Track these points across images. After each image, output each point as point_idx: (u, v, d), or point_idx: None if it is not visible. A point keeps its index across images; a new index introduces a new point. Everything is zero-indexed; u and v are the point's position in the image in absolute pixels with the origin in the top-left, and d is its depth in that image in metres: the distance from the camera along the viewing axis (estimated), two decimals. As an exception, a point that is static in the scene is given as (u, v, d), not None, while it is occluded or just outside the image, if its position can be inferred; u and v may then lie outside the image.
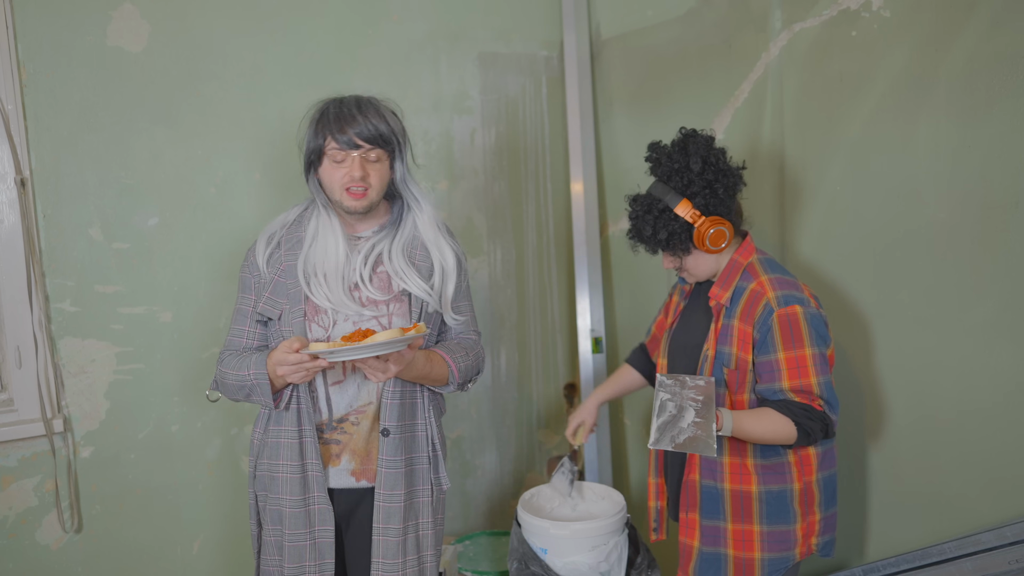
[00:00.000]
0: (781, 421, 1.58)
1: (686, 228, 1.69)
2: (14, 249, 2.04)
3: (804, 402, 1.60)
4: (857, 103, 1.88)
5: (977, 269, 1.68)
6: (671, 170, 1.70)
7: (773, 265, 1.73)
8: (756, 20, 2.14)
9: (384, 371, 1.49)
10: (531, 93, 2.76)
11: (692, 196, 1.68)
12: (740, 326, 1.67)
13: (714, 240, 1.68)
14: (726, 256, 1.75)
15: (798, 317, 1.61)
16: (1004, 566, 1.62)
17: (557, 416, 2.93)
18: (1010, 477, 1.66)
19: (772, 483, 1.67)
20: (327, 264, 1.63)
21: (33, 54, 2.04)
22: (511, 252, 2.78)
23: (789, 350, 1.61)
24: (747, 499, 1.68)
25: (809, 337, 1.61)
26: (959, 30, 1.67)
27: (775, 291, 1.64)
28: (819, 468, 1.68)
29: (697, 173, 1.67)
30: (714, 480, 1.72)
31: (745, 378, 1.67)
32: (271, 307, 1.64)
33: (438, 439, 1.73)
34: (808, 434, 1.59)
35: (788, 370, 1.61)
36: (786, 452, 1.67)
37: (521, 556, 2.04)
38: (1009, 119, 1.60)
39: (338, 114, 1.59)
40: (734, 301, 1.70)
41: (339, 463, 1.66)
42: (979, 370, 1.70)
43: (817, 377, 1.60)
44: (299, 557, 1.64)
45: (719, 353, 1.70)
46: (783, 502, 1.67)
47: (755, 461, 1.68)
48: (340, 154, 1.59)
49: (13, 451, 2.08)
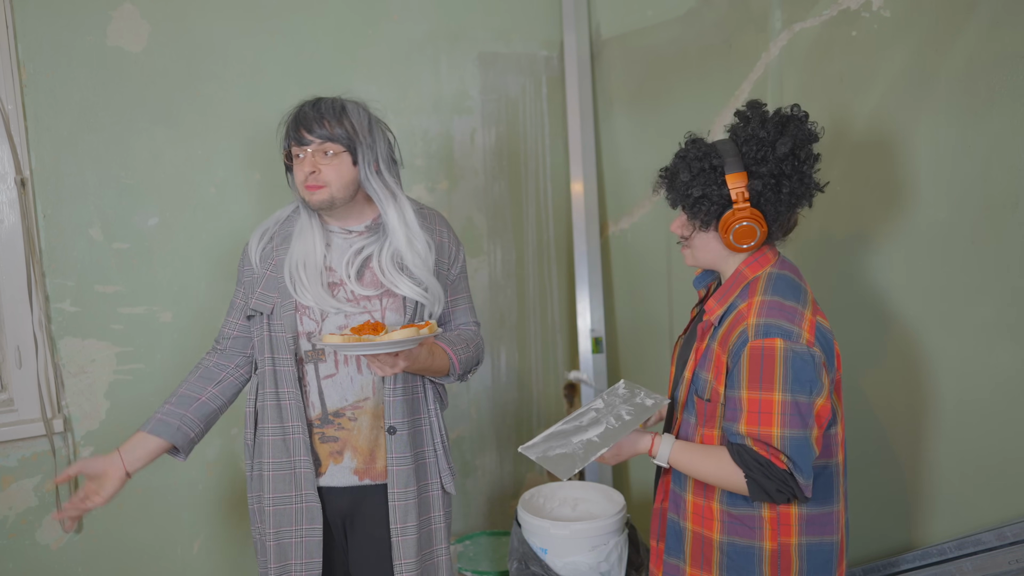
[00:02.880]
0: (729, 468, 1.34)
1: (723, 202, 1.40)
2: (14, 249, 2.04)
3: (763, 454, 1.31)
4: (857, 103, 1.88)
5: (977, 269, 1.68)
6: (751, 136, 1.40)
7: (783, 283, 1.41)
8: (756, 20, 2.14)
9: (393, 366, 1.49)
10: (531, 93, 2.76)
11: (752, 174, 1.39)
12: (718, 351, 1.41)
13: (738, 236, 1.40)
14: (734, 262, 1.47)
15: (774, 353, 1.31)
16: (1004, 566, 1.62)
17: (557, 416, 2.93)
18: (1010, 477, 1.66)
19: (738, 535, 1.41)
20: (307, 262, 1.64)
21: (33, 54, 2.04)
22: (511, 252, 2.78)
23: (755, 390, 1.32)
24: (708, 546, 1.44)
25: (784, 380, 1.30)
26: (959, 30, 1.67)
27: (758, 317, 1.34)
28: (802, 531, 1.39)
29: (777, 156, 1.38)
30: (678, 516, 1.49)
31: (715, 411, 1.42)
32: (263, 302, 1.64)
33: (442, 432, 1.74)
34: (764, 491, 1.32)
35: (747, 412, 1.33)
36: (760, 504, 1.39)
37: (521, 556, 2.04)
38: (1009, 119, 1.60)
39: (296, 115, 1.61)
40: (722, 321, 1.43)
41: (341, 460, 1.66)
42: (979, 370, 1.70)
43: (781, 429, 1.30)
44: (285, 555, 1.64)
45: (695, 378, 1.45)
46: (748, 561, 1.40)
47: (720, 507, 1.42)
48: (297, 150, 1.61)
49: (13, 451, 2.08)
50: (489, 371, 2.78)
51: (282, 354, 1.62)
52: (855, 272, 1.93)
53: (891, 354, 1.87)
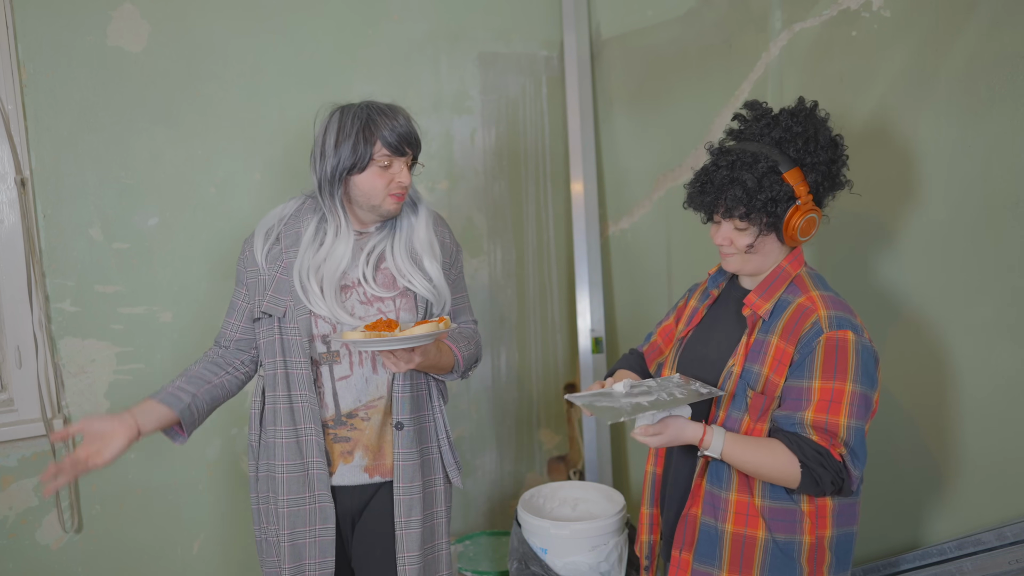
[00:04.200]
0: (785, 457, 1.34)
1: (787, 200, 1.41)
2: (14, 249, 2.05)
3: (822, 444, 1.34)
4: (857, 103, 1.88)
5: (977, 269, 1.68)
6: (788, 133, 1.44)
7: (823, 282, 1.49)
8: (756, 20, 2.14)
9: (408, 361, 1.50)
10: (531, 93, 2.76)
11: (806, 167, 1.43)
12: (779, 344, 1.42)
13: (804, 229, 1.44)
14: (772, 259, 1.50)
15: (848, 345, 1.36)
16: (1004, 566, 1.62)
17: (557, 416, 2.93)
18: (1010, 477, 1.66)
19: (780, 531, 1.42)
20: (332, 273, 1.62)
21: (33, 54, 2.04)
22: (511, 252, 2.78)
23: (828, 380, 1.36)
24: (750, 546, 1.43)
25: (856, 371, 1.36)
26: (959, 30, 1.67)
27: (828, 310, 1.40)
28: (835, 523, 1.43)
29: (822, 145, 1.44)
30: (715, 519, 1.46)
31: (771, 405, 1.42)
32: (275, 305, 1.63)
33: (446, 429, 1.75)
34: (816, 482, 1.34)
35: (818, 401, 1.35)
36: (800, 498, 1.42)
37: (521, 556, 2.04)
38: (1009, 119, 1.60)
39: (387, 122, 1.60)
40: (774, 315, 1.45)
41: (352, 459, 1.66)
42: (979, 370, 1.70)
43: (849, 419, 1.34)
44: (299, 555, 1.65)
45: (746, 371, 1.45)
46: (789, 556, 1.42)
47: (764, 502, 1.42)
48: (389, 160, 1.60)
49: (13, 451, 2.08)
50: (489, 371, 2.78)
51: (295, 357, 1.62)
52: (855, 272, 1.93)
53: (890, 354, 1.87)
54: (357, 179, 1.61)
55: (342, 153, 1.59)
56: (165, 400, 1.60)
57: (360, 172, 1.60)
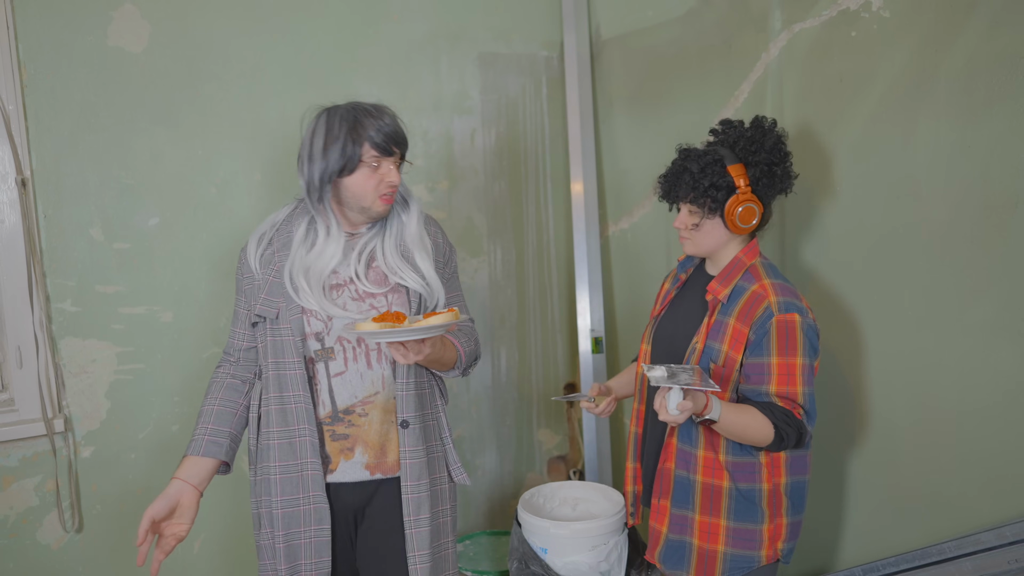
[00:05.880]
0: (761, 420, 1.59)
1: (728, 189, 1.67)
2: (15, 249, 2.05)
3: (788, 408, 1.61)
4: (857, 103, 1.88)
5: (976, 269, 1.68)
6: (740, 137, 1.71)
7: (775, 271, 1.73)
8: (756, 20, 2.14)
9: (418, 352, 1.50)
10: (531, 93, 2.76)
11: (749, 165, 1.68)
12: (736, 325, 1.67)
13: (743, 217, 1.67)
14: (731, 251, 1.74)
15: (795, 326, 1.61)
16: (1004, 566, 1.62)
17: (557, 416, 2.93)
18: (1010, 477, 1.66)
19: (742, 480, 1.68)
20: (321, 270, 1.63)
21: (34, 54, 2.04)
22: (511, 252, 2.78)
23: (782, 356, 1.62)
24: (717, 493, 1.70)
25: (803, 347, 1.62)
26: (959, 30, 1.67)
27: (777, 296, 1.64)
28: (789, 472, 1.69)
29: (766, 149, 1.68)
30: (687, 471, 1.72)
31: (730, 375, 1.68)
32: (268, 307, 1.64)
33: (448, 427, 1.77)
34: (783, 439, 1.60)
35: (778, 375, 1.62)
36: (758, 453, 1.68)
37: (521, 556, 2.04)
38: (1009, 119, 1.60)
39: (373, 122, 1.60)
40: (732, 299, 1.70)
41: (352, 456, 1.66)
42: (978, 370, 1.70)
43: (803, 387, 1.62)
44: (295, 556, 1.65)
45: (708, 348, 1.70)
46: (751, 501, 1.69)
47: (727, 458, 1.69)
48: (377, 160, 1.60)
49: (14, 451, 2.09)
50: (489, 371, 2.78)
51: (287, 357, 1.62)
52: (854, 272, 1.93)
53: (890, 354, 1.87)
54: (347, 181, 1.62)
55: (331, 156, 1.59)
56: (207, 453, 1.66)
57: (349, 174, 1.61)
